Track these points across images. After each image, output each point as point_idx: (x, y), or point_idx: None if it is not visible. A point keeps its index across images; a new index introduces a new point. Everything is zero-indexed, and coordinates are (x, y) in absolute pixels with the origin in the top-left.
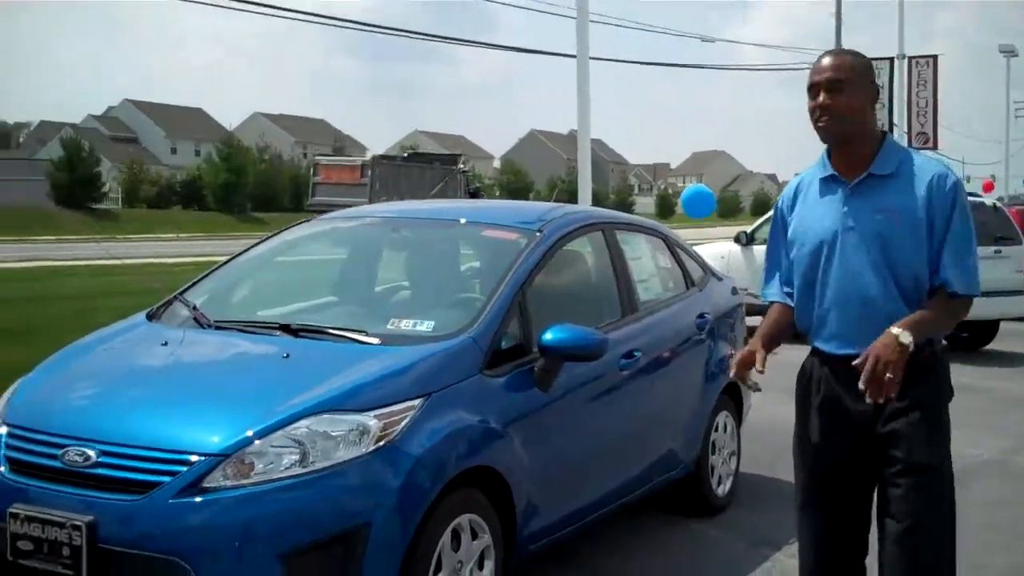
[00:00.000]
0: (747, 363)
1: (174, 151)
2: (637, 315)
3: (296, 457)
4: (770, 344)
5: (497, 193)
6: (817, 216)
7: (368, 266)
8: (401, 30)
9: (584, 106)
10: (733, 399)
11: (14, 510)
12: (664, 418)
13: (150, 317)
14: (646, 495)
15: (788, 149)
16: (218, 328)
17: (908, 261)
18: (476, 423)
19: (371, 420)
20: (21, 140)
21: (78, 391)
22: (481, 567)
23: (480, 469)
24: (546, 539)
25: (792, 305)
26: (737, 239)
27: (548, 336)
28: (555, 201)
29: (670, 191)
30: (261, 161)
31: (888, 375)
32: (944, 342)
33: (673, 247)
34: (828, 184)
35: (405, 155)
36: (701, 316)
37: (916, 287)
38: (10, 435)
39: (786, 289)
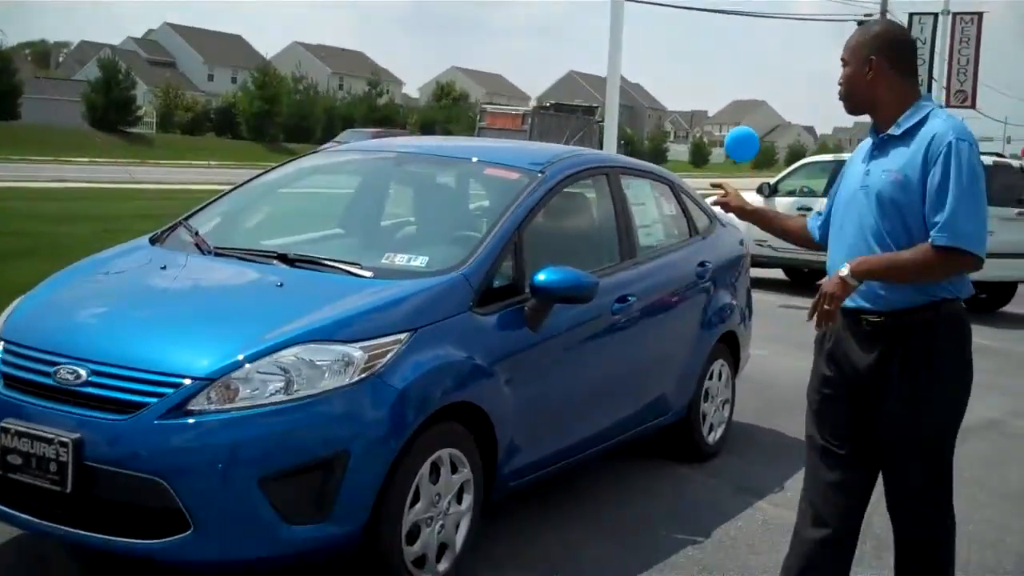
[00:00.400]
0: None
1: (211, 78)
2: (635, 260)
3: (281, 384)
4: (758, 214)
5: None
6: (850, 173)
7: (374, 200)
8: None
9: (615, 50)
10: (730, 348)
11: (5, 424)
12: (657, 363)
13: (153, 241)
14: (635, 439)
15: (829, 102)
16: (218, 255)
17: (903, 222)
18: (462, 359)
19: (357, 351)
20: (61, 60)
21: (75, 310)
22: (460, 500)
23: (463, 405)
24: (528, 477)
25: (809, 227)
26: (760, 190)
27: (540, 277)
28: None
29: (705, 139)
30: (296, 91)
31: (826, 306)
32: (963, 304)
33: (679, 194)
34: (866, 145)
35: (548, 104)
36: (702, 264)
37: (911, 245)
38: (6, 350)
39: (819, 220)
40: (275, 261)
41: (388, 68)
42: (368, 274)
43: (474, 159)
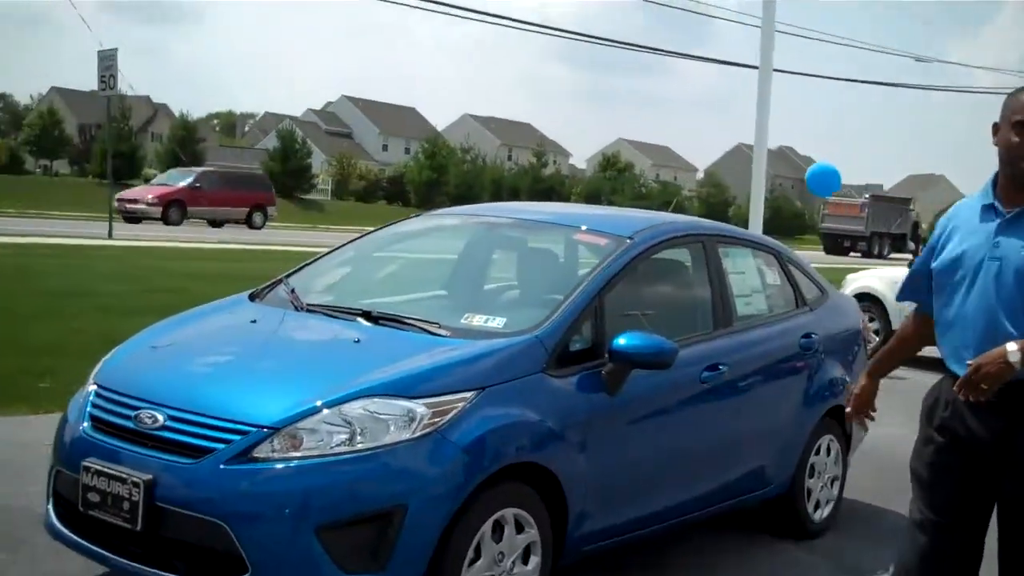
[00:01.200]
0: (862, 405)
1: (385, 148)
2: (731, 329)
3: (345, 436)
4: (883, 369)
5: (695, 206)
6: (968, 241)
7: (470, 263)
8: (609, 40)
9: (763, 120)
10: (841, 424)
11: (87, 463)
12: (752, 435)
13: (253, 297)
14: (728, 511)
15: None
16: (309, 311)
17: None
18: (530, 420)
19: (420, 407)
20: (246, 130)
21: (162, 358)
22: (527, 561)
23: (531, 466)
24: (603, 542)
25: (923, 311)
26: (911, 265)
27: (619, 341)
28: (672, 211)
29: None
30: (464, 161)
31: (983, 385)
32: None
33: (785, 264)
34: (987, 212)
35: (866, 196)
36: (807, 336)
37: None
38: (97, 394)
39: (917, 298)
40: (359, 319)
41: (556, 140)
42: (446, 333)
43: (584, 227)
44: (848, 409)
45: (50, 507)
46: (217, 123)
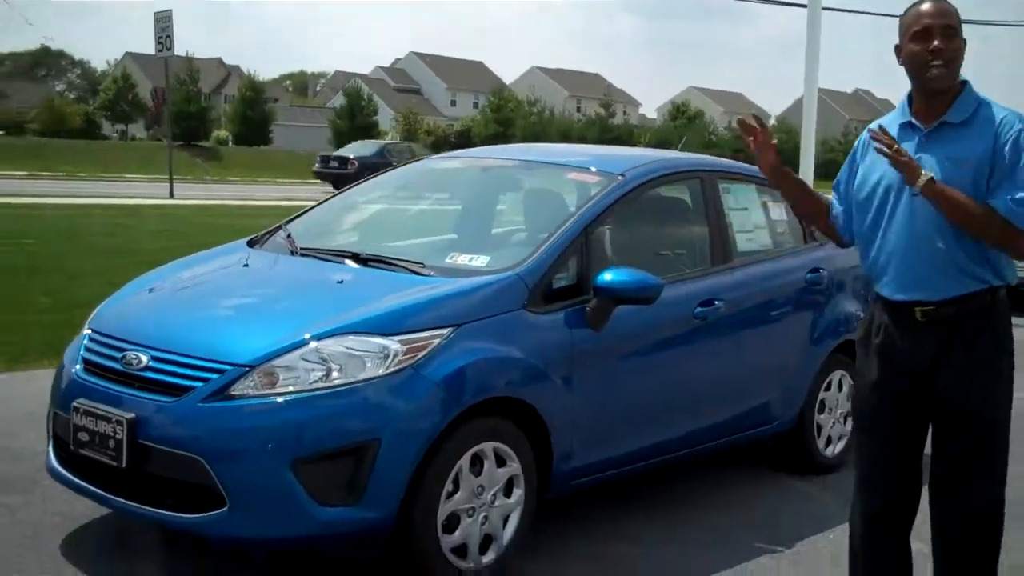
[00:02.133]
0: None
1: (453, 103)
2: (730, 265)
3: (320, 373)
4: (788, 179)
5: None
6: (888, 162)
7: (472, 207)
8: None
9: (812, 62)
10: (853, 359)
11: (77, 404)
12: (753, 371)
13: (252, 243)
14: (730, 446)
15: None
16: (302, 255)
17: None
18: (507, 355)
19: (395, 344)
20: (318, 89)
21: (152, 302)
22: (509, 494)
23: (511, 400)
24: (594, 476)
25: (831, 216)
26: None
27: (602, 277)
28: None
29: None
30: (530, 113)
31: (902, 159)
32: (1004, 291)
33: None
34: (905, 130)
35: None
36: (815, 271)
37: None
38: (90, 338)
39: (836, 211)
40: (347, 261)
41: (626, 90)
42: (430, 272)
43: (561, 164)
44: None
45: (50, 449)
46: (290, 83)
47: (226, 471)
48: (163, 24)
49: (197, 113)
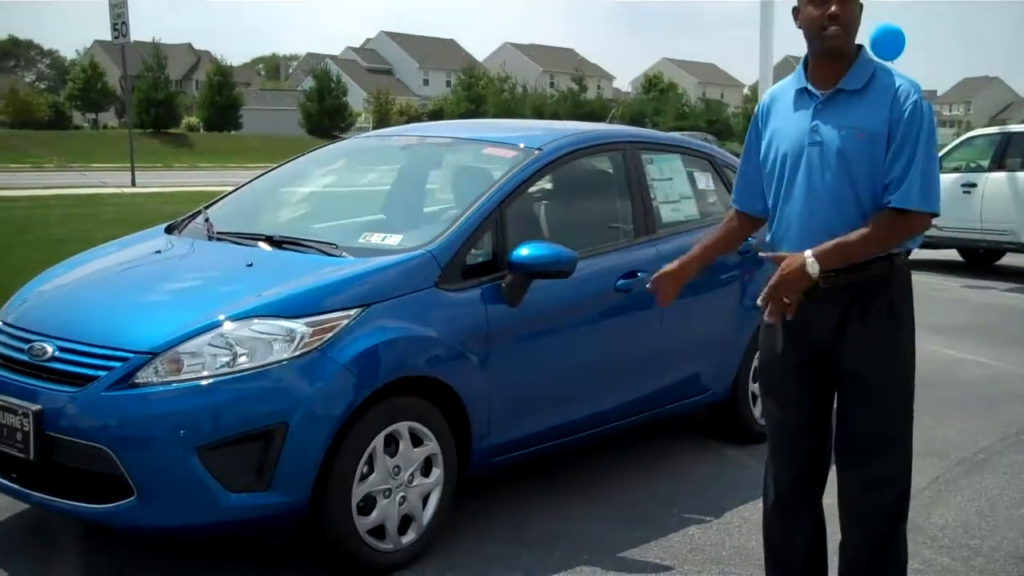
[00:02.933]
0: (663, 284)
1: (426, 82)
2: (653, 237)
3: (226, 358)
4: (696, 261)
5: (741, 123)
6: (787, 130)
7: (404, 184)
8: None
9: (767, 21)
10: None
11: None
12: (681, 341)
13: (170, 229)
14: (660, 417)
15: None
16: (218, 239)
17: (868, 181)
18: (418, 334)
19: (301, 326)
20: (290, 72)
21: (61, 292)
22: (428, 474)
23: (425, 379)
24: (515, 453)
25: (751, 215)
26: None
27: (518, 252)
28: (609, 122)
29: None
30: (502, 90)
31: (785, 299)
32: (906, 254)
33: (721, 169)
34: (801, 97)
35: None
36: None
37: (876, 204)
38: (1, 331)
39: (751, 201)
40: (261, 243)
41: (599, 64)
42: (341, 253)
43: (478, 140)
44: (648, 285)
45: None
46: (262, 67)
47: (132, 460)
48: (118, 11)
49: (165, 99)
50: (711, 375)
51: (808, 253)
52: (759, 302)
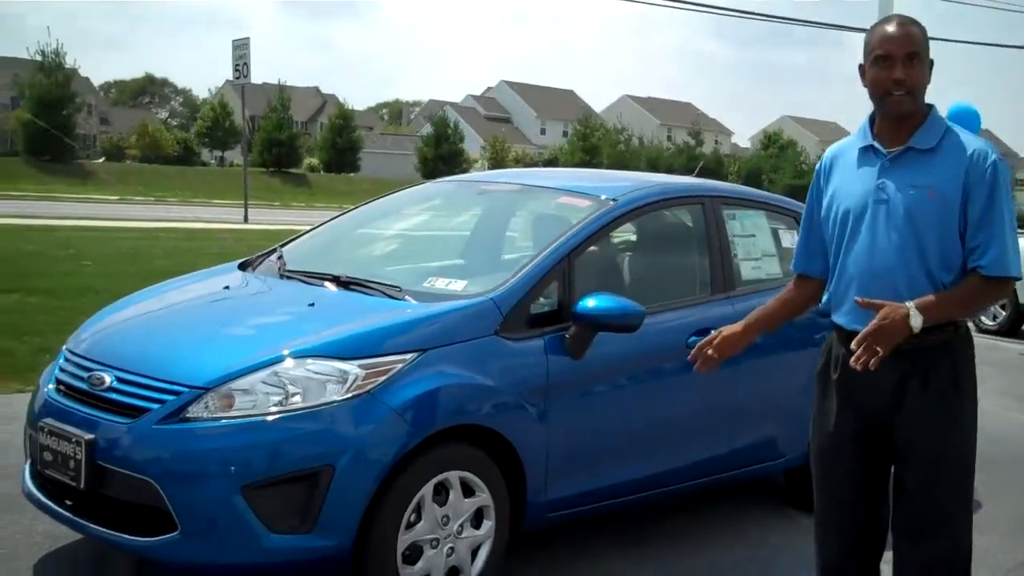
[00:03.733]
0: (722, 350)
1: (543, 131)
2: (732, 294)
3: (279, 397)
4: (758, 327)
5: None
6: (850, 187)
7: (482, 231)
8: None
9: None
10: None
11: (42, 423)
12: (755, 403)
13: (244, 266)
14: (731, 481)
15: None
16: (287, 277)
17: (937, 240)
18: (474, 382)
19: (354, 368)
20: (411, 117)
21: (126, 323)
22: (479, 526)
23: (478, 429)
24: (571, 510)
25: (812, 276)
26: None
27: (584, 303)
28: (696, 175)
29: None
30: (618, 142)
31: (878, 348)
32: (970, 325)
33: None
34: (866, 154)
35: None
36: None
37: (944, 267)
38: (65, 358)
39: (811, 261)
40: (327, 283)
41: (717, 118)
42: (405, 296)
43: (555, 189)
44: (696, 349)
45: (25, 469)
46: (385, 112)
47: (177, 495)
48: (240, 52)
49: (288, 140)
50: (786, 439)
51: (911, 304)
52: (852, 345)
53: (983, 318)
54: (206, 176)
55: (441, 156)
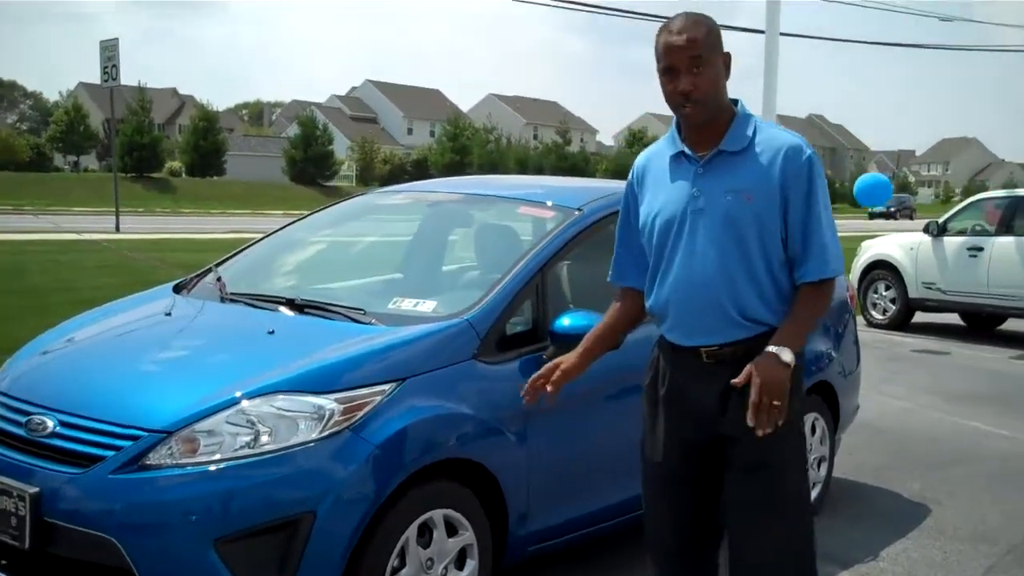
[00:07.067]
0: (553, 379)
1: (410, 131)
2: None
3: (248, 438)
4: (594, 352)
5: None
6: (666, 196)
7: (420, 244)
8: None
9: (770, 87)
10: (827, 400)
11: None
12: None
13: (179, 288)
14: None
15: None
16: (231, 301)
17: (759, 244)
18: (458, 412)
19: (331, 403)
20: (273, 118)
21: (63, 358)
22: (462, 567)
23: (461, 462)
24: (552, 541)
25: (633, 288)
26: (927, 229)
27: (559, 322)
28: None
29: (911, 179)
30: (487, 141)
31: (775, 402)
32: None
33: None
34: (678, 162)
35: None
36: None
37: (768, 270)
38: None
39: (630, 273)
40: (281, 307)
41: (583, 117)
42: (371, 320)
43: (514, 199)
44: (531, 383)
45: None
46: (246, 113)
47: (141, 552)
48: (109, 53)
49: (149, 144)
50: None
51: (770, 347)
52: (749, 421)
53: (873, 312)
54: (64, 183)
55: (310, 158)
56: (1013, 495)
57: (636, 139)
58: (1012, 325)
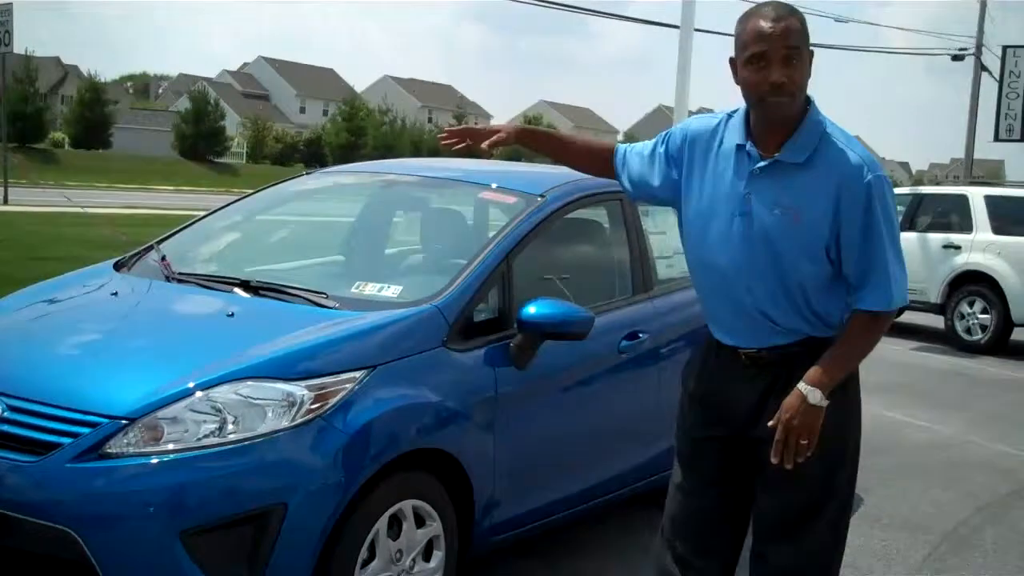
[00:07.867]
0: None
1: (303, 110)
2: (652, 294)
3: (214, 426)
4: (541, 138)
5: None
6: (712, 189)
7: (368, 226)
8: None
9: (683, 81)
10: None
11: None
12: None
13: (119, 267)
14: (657, 486)
15: (924, 136)
16: (180, 281)
17: (796, 265)
18: (427, 401)
19: (301, 390)
20: (160, 92)
21: (5, 339)
22: (428, 558)
23: (430, 452)
24: (517, 530)
25: (611, 163)
26: None
27: (527, 310)
28: None
29: None
30: (382, 123)
31: (802, 441)
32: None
33: None
34: (740, 155)
35: None
36: None
37: (801, 289)
38: None
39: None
40: (236, 289)
41: (477, 101)
42: (334, 304)
43: (493, 185)
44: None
45: None
46: (131, 85)
47: (102, 545)
48: (2, 19)
49: (33, 114)
50: None
51: (802, 386)
52: (773, 459)
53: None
54: None
55: (201, 134)
56: (939, 484)
57: (530, 124)
58: (909, 318)
